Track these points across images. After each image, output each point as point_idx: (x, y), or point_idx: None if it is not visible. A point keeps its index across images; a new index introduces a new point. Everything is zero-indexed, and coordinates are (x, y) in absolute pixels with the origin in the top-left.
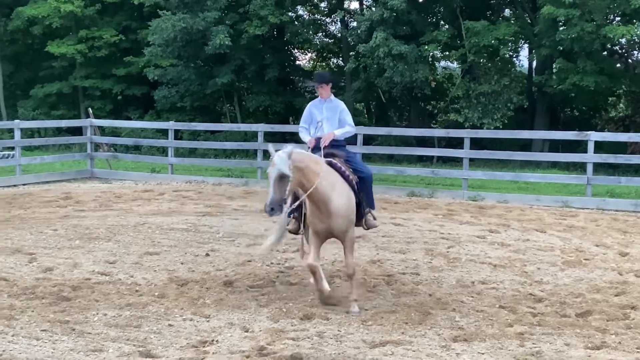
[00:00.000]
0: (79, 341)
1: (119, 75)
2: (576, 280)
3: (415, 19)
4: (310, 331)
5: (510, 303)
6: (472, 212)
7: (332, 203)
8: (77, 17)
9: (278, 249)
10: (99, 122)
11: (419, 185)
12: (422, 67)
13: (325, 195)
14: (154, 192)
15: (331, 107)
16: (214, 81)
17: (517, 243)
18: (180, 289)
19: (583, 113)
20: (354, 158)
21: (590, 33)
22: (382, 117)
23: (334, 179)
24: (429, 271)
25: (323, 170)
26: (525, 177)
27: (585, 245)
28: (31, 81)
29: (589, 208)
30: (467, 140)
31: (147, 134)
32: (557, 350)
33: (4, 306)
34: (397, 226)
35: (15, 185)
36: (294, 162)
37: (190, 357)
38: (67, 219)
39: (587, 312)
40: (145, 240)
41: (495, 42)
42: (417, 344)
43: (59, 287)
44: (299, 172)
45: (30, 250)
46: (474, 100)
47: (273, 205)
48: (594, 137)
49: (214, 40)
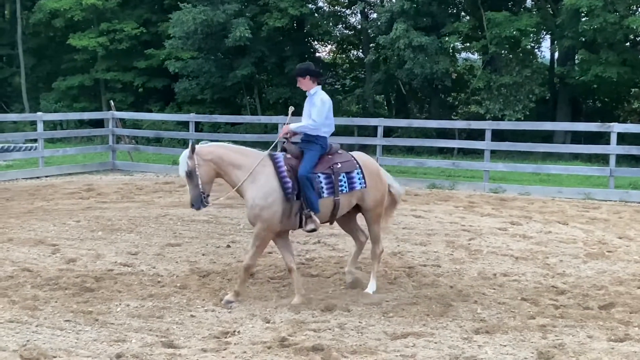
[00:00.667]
0: (102, 331)
1: (140, 67)
2: (599, 272)
3: (436, 10)
4: (331, 322)
5: (533, 295)
6: (494, 204)
7: (245, 195)
8: (99, 10)
9: (298, 240)
10: (120, 115)
11: (439, 177)
12: (442, 58)
13: (242, 187)
14: (175, 184)
15: (310, 101)
16: (234, 73)
17: (539, 235)
18: (202, 280)
19: (605, 104)
20: (306, 155)
21: (613, 24)
22: (402, 109)
23: (259, 172)
24: (450, 263)
25: (247, 163)
26: (547, 169)
27: (608, 238)
28: (53, 74)
29: (612, 200)
30: (489, 132)
31: (168, 126)
32: (579, 342)
33: (28, 297)
34: (417, 218)
35: (38, 177)
36: (200, 155)
37: (212, 348)
38: (89, 211)
39: (610, 305)
40: (166, 232)
41: (517, 33)
42: (439, 336)
43: (82, 278)
44: (208, 164)
45: (53, 242)
46: (495, 91)
47: (193, 201)
48: (616, 128)
49: (234, 32)
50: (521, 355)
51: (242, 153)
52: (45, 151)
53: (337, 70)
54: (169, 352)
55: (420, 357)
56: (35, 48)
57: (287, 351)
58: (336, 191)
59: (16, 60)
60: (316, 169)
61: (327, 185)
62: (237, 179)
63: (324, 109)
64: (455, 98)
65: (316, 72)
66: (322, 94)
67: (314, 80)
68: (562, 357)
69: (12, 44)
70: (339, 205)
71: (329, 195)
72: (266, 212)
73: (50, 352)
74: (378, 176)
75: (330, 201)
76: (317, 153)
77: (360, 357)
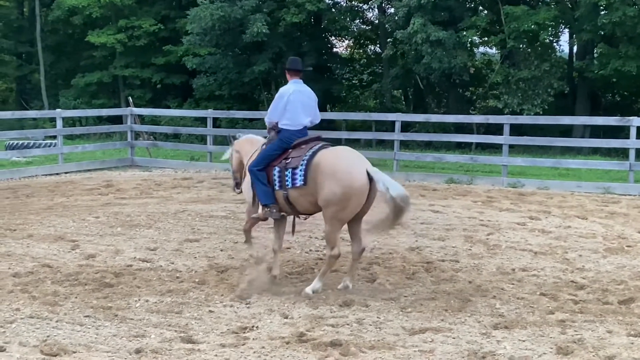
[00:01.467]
0: (121, 327)
1: (158, 64)
2: (618, 267)
3: (454, 4)
4: (349, 318)
5: (552, 290)
6: (512, 199)
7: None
8: (117, 7)
9: (317, 236)
10: (139, 111)
11: (457, 172)
12: (460, 53)
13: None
14: (193, 180)
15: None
16: (251, 69)
17: (558, 230)
18: (220, 276)
19: (625, 98)
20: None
21: (632, 17)
22: (420, 104)
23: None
24: (469, 258)
25: (251, 152)
26: (566, 164)
27: (627, 232)
28: (72, 71)
29: (632, 194)
30: (507, 126)
31: (186, 122)
32: (599, 337)
33: (48, 292)
34: (435, 213)
35: (58, 174)
36: (235, 145)
37: (230, 343)
38: (108, 207)
39: (629, 300)
40: (185, 228)
41: (535, 27)
42: (457, 331)
43: (101, 273)
44: (237, 154)
45: (72, 238)
46: (513, 86)
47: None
48: (636, 122)
49: (252, 28)
50: (540, 351)
51: (252, 143)
52: (65, 148)
53: (355, 66)
54: (188, 348)
55: (438, 353)
56: (54, 45)
57: (305, 346)
58: (283, 185)
59: (35, 58)
60: (275, 162)
61: (278, 179)
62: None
63: (275, 103)
64: (473, 93)
65: (288, 67)
66: (284, 87)
67: (291, 74)
68: (582, 352)
69: (31, 42)
70: (289, 199)
71: (279, 189)
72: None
73: (70, 348)
74: (332, 175)
75: (281, 194)
76: (273, 146)
77: (379, 352)
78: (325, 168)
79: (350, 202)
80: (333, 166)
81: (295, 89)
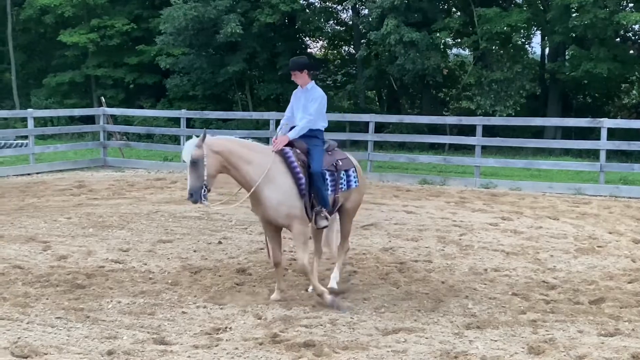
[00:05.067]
0: (93, 328)
1: (131, 64)
2: (589, 267)
3: (427, 6)
4: (323, 319)
5: (523, 290)
6: (485, 199)
7: (262, 194)
8: (89, 6)
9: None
10: (111, 111)
11: (430, 173)
12: (433, 54)
13: (258, 186)
14: (166, 181)
15: (308, 96)
16: (225, 69)
17: (530, 230)
18: (194, 277)
19: (596, 100)
20: (313, 150)
21: (603, 19)
22: (393, 105)
23: (273, 169)
24: (442, 259)
25: (258, 159)
26: (538, 165)
27: (598, 233)
28: (44, 70)
29: (602, 195)
30: (479, 127)
31: (159, 123)
32: (570, 337)
33: (19, 294)
34: (409, 214)
35: (29, 174)
36: (209, 146)
37: (203, 344)
38: (80, 207)
39: (600, 299)
40: (158, 228)
41: (507, 29)
42: (430, 331)
43: (73, 274)
44: (215, 156)
45: (44, 239)
46: (486, 87)
47: (192, 191)
48: (607, 124)
49: (226, 28)
50: (512, 350)
51: (250, 148)
52: (36, 148)
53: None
54: (161, 349)
55: (411, 353)
56: (26, 44)
57: (278, 347)
58: (337, 189)
59: (6, 57)
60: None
61: (332, 183)
62: (248, 175)
63: (323, 105)
64: (447, 94)
65: (314, 66)
66: (319, 88)
67: (310, 75)
68: (553, 352)
69: (2, 41)
70: (337, 203)
71: (332, 193)
72: (291, 210)
73: (41, 349)
74: (361, 176)
75: (332, 199)
76: (322, 148)
77: (352, 352)
78: (360, 171)
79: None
80: (359, 168)
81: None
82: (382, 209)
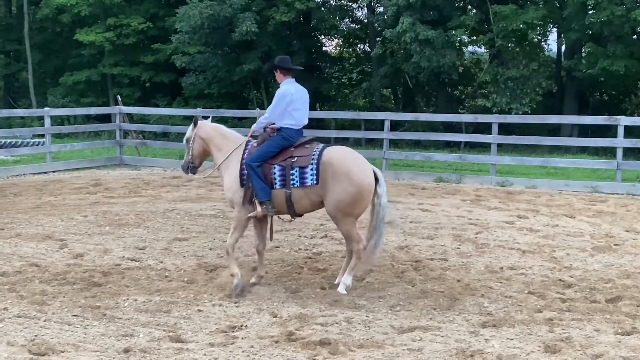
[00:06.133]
0: (109, 326)
1: (147, 62)
2: (606, 265)
3: (442, 3)
4: (338, 317)
5: (539, 289)
6: (500, 197)
7: (223, 179)
8: (105, 5)
9: (306, 234)
10: (127, 110)
11: (446, 171)
12: (449, 52)
13: (220, 169)
14: (182, 179)
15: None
16: (241, 68)
17: (546, 229)
18: (209, 275)
19: (612, 97)
20: (263, 145)
21: (620, 17)
22: (409, 103)
23: (232, 158)
24: (457, 257)
25: (226, 147)
26: (554, 163)
27: (615, 231)
28: (60, 69)
29: (619, 193)
30: (495, 125)
31: (175, 121)
32: (586, 335)
33: (36, 292)
34: (424, 212)
35: (46, 172)
36: (198, 130)
37: (219, 342)
38: (97, 206)
39: (617, 298)
40: (174, 227)
41: (523, 27)
42: (446, 330)
43: (89, 272)
44: (199, 141)
45: (61, 237)
46: (502, 85)
47: (183, 166)
48: (623, 121)
49: (241, 27)
50: (528, 349)
51: (225, 137)
52: (53, 146)
53: (344, 64)
54: (177, 347)
55: (427, 351)
56: (42, 43)
57: (294, 345)
58: (287, 184)
59: (23, 56)
60: (274, 160)
61: (280, 178)
62: (217, 161)
63: (278, 103)
64: (462, 92)
65: (282, 66)
66: (284, 87)
67: (284, 73)
68: (569, 351)
69: (19, 40)
70: (291, 198)
71: (281, 187)
72: (234, 197)
73: (58, 347)
74: (346, 176)
75: (282, 193)
76: (274, 144)
77: (368, 351)
78: (339, 167)
79: (362, 200)
80: (347, 165)
81: (296, 89)
82: (397, 207)
